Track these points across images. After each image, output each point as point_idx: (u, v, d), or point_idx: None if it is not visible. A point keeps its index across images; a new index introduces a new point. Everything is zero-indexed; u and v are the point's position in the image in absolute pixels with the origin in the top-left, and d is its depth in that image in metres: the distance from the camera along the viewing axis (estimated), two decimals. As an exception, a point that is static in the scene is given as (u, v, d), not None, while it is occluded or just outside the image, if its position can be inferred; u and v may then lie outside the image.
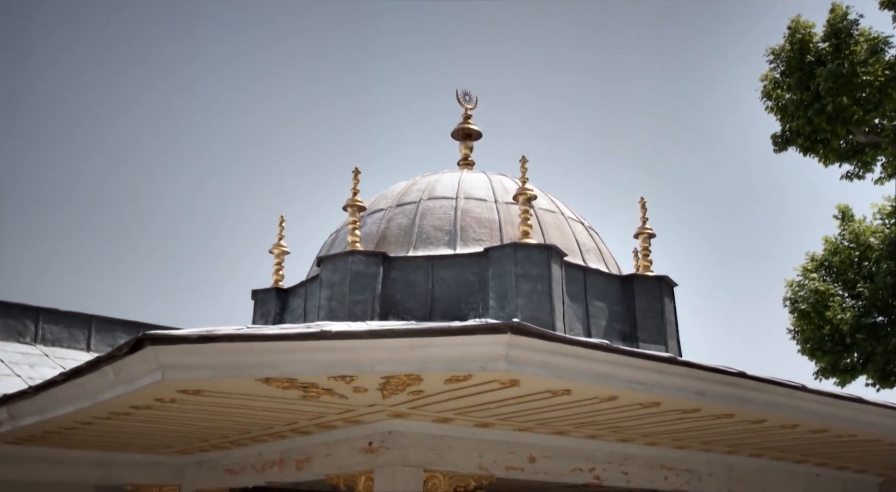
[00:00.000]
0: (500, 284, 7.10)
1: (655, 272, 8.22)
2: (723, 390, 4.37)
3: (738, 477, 6.75)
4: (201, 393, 4.04)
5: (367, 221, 8.22)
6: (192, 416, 4.81)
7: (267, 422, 5.14)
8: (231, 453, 6.47)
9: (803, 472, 7.13)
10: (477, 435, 5.31)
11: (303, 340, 3.52)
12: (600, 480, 5.95)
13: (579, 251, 7.99)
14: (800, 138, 12.00)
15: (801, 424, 5.06)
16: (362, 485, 5.15)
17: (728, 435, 5.55)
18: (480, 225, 7.84)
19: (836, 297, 12.28)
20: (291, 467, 5.84)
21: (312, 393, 4.10)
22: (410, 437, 5.04)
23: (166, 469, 6.96)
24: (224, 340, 3.47)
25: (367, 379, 3.83)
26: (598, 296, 7.68)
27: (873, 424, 5.07)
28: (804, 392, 4.62)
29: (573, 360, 3.79)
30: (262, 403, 4.41)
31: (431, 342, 3.57)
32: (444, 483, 5.15)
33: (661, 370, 4.06)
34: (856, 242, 12.94)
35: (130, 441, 6.07)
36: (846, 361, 12.26)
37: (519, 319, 4.89)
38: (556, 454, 5.71)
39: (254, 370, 3.60)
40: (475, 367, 3.59)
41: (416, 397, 4.29)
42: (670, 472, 6.36)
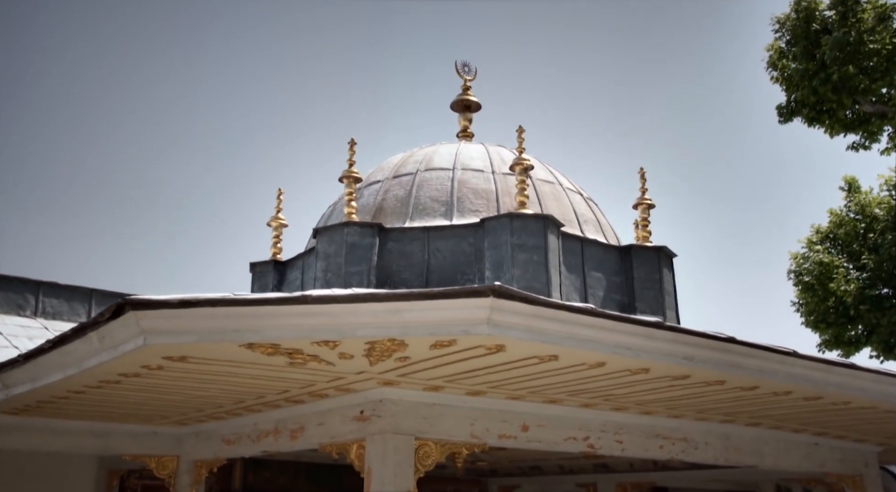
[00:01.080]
0: (496, 254, 7.06)
1: (655, 243, 8.17)
2: (712, 356, 4.34)
3: (735, 446, 6.74)
4: (187, 360, 4.04)
5: (364, 193, 8.18)
6: (182, 384, 4.82)
7: (258, 391, 5.15)
8: (227, 424, 6.50)
9: (801, 441, 7.11)
10: (468, 403, 5.31)
11: (284, 304, 3.51)
12: (595, 448, 5.95)
13: (577, 222, 7.94)
14: (805, 109, 11.85)
15: (794, 391, 5.02)
16: (354, 453, 5.16)
17: (722, 403, 5.52)
18: (477, 196, 7.79)
19: (840, 269, 12.19)
20: (286, 437, 5.86)
21: (298, 359, 4.09)
22: (401, 405, 5.04)
23: (165, 440, 7.01)
24: (205, 304, 3.46)
25: (351, 344, 3.81)
26: (595, 267, 7.64)
27: (866, 390, 5.03)
28: (795, 358, 4.58)
29: (558, 324, 3.76)
30: (249, 370, 4.41)
31: (413, 306, 3.54)
32: (436, 451, 5.16)
33: (648, 335, 4.03)
34: (861, 214, 12.82)
35: (127, 412, 6.10)
36: (850, 333, 12.19)
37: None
38: (549, 423, 5.70)
39: (236, 335, 3.59)
40: (458, 331, 3.56)
41: (404, 363, 4.27)
42: (666, 441, 6.35)
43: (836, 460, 7.33)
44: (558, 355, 4.09)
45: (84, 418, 6.36)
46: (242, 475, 9.56)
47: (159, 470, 6.99)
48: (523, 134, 7.65)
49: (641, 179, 8.44)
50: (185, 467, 7.03)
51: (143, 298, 3.44)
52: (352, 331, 3.59)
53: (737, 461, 6.75)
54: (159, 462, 6.99)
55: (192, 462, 7.03)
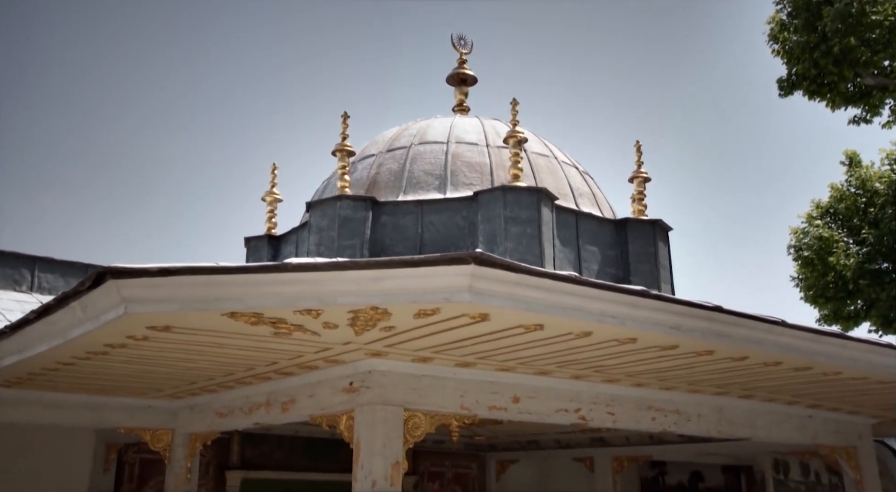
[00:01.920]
0: (490, 227, 7.04)
1: (650, 217, 8.13)
2: (699, 325, 4.31)
3: (728, 418, 6.74)
4: (171, 330, 4.03)
5: (358, 167, 8.15)
6: (170, 355, 4.82)
7: (247, 362, 5.15)
8: (220, 397, 6.52)
9: (795, 413, 7.11)
10: (458, 375, 5.30)
11: (264, 272, 3.49)
12: (586, 420, 5.95)
13: (572, 195, 7.90)
14: (806, 82, 11.74)
15: (784, 361, 5.00)
16: (344, 425, 5.17)
17: (713, 374, 5.51)
18: (471, 169, 7.75)
19: (840, 243, 12.13)
20: (277, 409, 5.88)
21: (283, 329, 4.08)
22: (390, 376, 5.04)
23: (159, 413, 7.05)
24: (185, 273, 3.45)
25: (334, 313, 3.80)
26: (590, 240, 7.61)
27: (856, 360, 5.01)
28: (784, 327, 4.56)
29: (541, 292, 3.74)
30: (236, 341, 4.40)
31: (394, 274, 3.52)
32: (426, 422, 5.16)
33: (633, 304, 4.01)
34: (862, 188, 12.75)
35: (120, 385, 6.12)
36: (849, 307, 12.17)
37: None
38: (540, 395, 5.70)
39: (217, 304, 3.58)
40: (439, 298, 3.54)
41: (390, 333, 4.26)
42: (658, 413, 6.35)
43: (830, 433, 7.33)
44: (543, 325, 4.08)
45: (78, 391, 6.39)
46: (240, 450, 9.63)
47: (154, 443, 7.03)
48: (517, 107, 7.60)
49: (637, 152, 8.38)
50: (180, 440, 7.07)
51: (123, 266, 3.43)
52: (333, 299, 3.57)
53: (730, 434, 6.75)
54: (154, 435, 7.03)
55: (186, 435, 7.07)
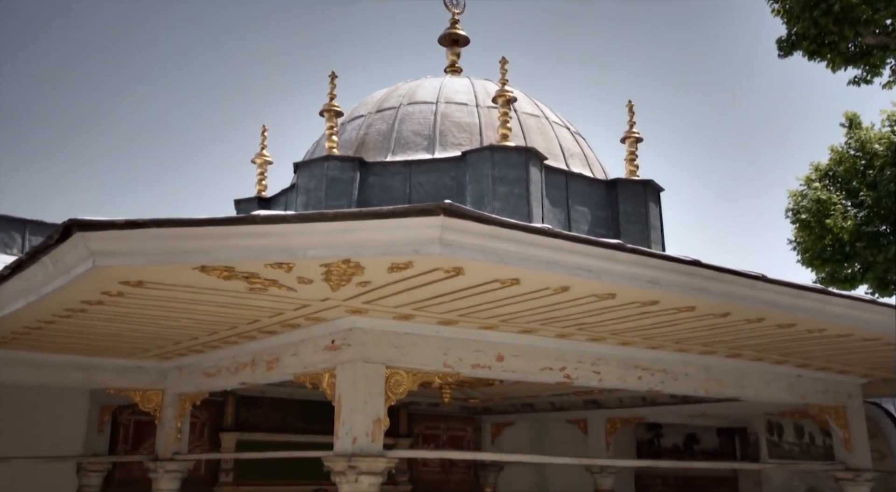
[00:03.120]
0: (478, 187, 6.99)
1: (642, 177, 8.06)
2: (678, 280, 4.27)
3: (716, 378, 6.73)
4: (144, 285, 4.02)
5: (347, 128, 8.08)
6: (149, 313, 4.82)
7: (229, 320, 5.15)
8: (207, 357, 6.54)
9: (783, 373, 7.10)
10: (441, 333, 5.30)
11: (232, 224, 3.46)
12: (571, 379, 5.95)
13: (563, 156, 7.83)
14: (805, 41, 11.54)
15: (767, 317, 4.97)
16: (326, 382, 5.19)
17: (697, 332, 5.48)
18: (460, 129, 7.68)
19: (837, 206, 12.03)
20: (262, 368, 5.89)
21: (257, 284, 4.06)
22: (372, 334, 5.04)
23: (149, 374, 7.08)
24: (152, 225, 3.42)
25: (306, 267, 3.77)
26: (580, 200, 7.55)
27: (840, 316, 4.97)
28: (765, 282, 4.52)
29: (513, 245, 3.70)
30: (213, 297, 4.39)
31: (363, 226, 3.49)
32: (408, 380, 5.17)
33: (608, 257, 3.97)
34: (862, 151, 12.59)
35: (106, 344, 6.14)
36: (846, 271, 12.11)
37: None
38: (524, 353, 5.69)
39: (186, 257, 3.55)
40: (409, 251, 3.51)
41: (366, 289, 4.24)
42: (644, 372, 6.34)
43: (819, 392, 7.33)
44: (519, 279, 4.05)
45: (65, 351, 6.42)
46: (234, 412, 9.70)
47: (144, 404, 7.07)
48: (506, 65, 7.48)
49: (630, 112, 8.28)
50: (170, 401, 7.11)
51: (89, 219, 3.40)
52: (303, 252, 3.55)
53: (718, 393, 6.75)
54: (144, 396, 7.07)
55: (176, 396, 7.11)
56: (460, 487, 11.42)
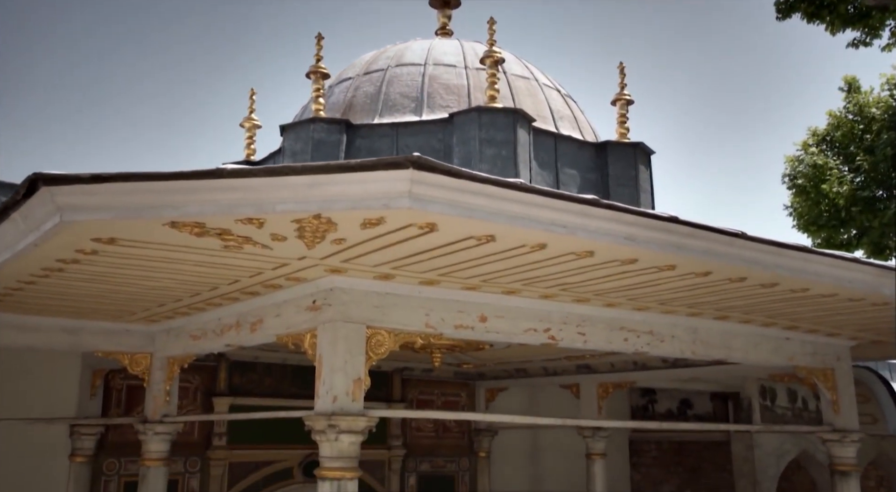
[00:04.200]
0: (464, 149, 6.93)
1: (632, 140, 7.98)
2: (656, 237, 4.24)
3: (703, 340, 6.73)
4: (117, 242, 4.00)
5: (335, 91, 8.01)
6: (128, 273, 4.80)
7: (209, 280, 5.14)
8: (194, 319, 6.55)
9: (771, 335, 7.09)
10: (423, 294, 5.28)
11: (199, 178, 3.43)
12: (556, 340, 5.94)
13: (552, 118, 7.75)
14: (804, 3, 11.37)
15: (749, 276, 4.94)
16: (308, 343, 5.19)
17: (680, 292, 5.46)
18: (448, 91, 7.60)
19: (833, 170, 11.94)
20: (246, 330, 5.90)
21: (231, 242, 4.04)
22: (352, 294, 5.02)
23: (137, 337, 7.10)
24: (118, 179, 3.39)
25: (277, 222, 3.75)
26: (569, 163, 7.49)
27: (821, 275, 4.94)
28: (745, 240, 4.48)
29: (486, 199, 3.66)
30: (188, 255, 4.37)
31: (332, 179, 3.45)
32: (389, 340, 5.17)
33: (583, 213, 3.93)
34: (860, 115, 12.45)
35: (90, 307, 6.15)
36: (842, 236, 12.05)
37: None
38: (508, 314, 5.69)
39: (154, 211, 3.53)
40: (379, 205, 3.48)
41: (342, 246, 4.22)
42: (630, 334, 6.34)
43: (807, 354, 7.33)
44: (495, 235, 4.02)
45: (50, 314, 6.43)
46: (228, 377, 9.75)
47: (133, 367, 7.10)
48: (494, 26, 7.39)
49: (621, 74, 8.17)
50: (159, 364, 7.14)
51: (55, 173, 3.37)
52: (271, 206, 3.52)
53: (705, 355, 6.75)
54: (132, 359, 7.09)
55: (165, 359, 7.13)
56: (454, 451, 11.50)
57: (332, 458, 4.87)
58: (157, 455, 7.07)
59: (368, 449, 10.62)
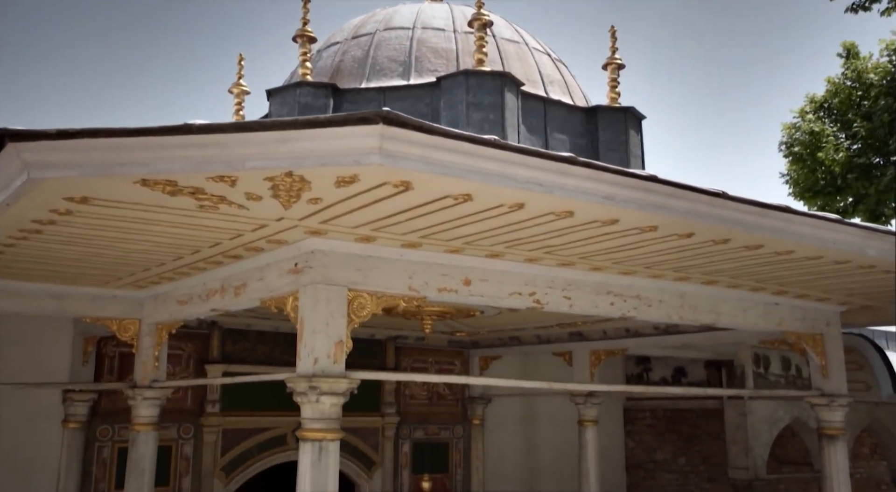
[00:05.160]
0: (452, 114, 6.86)
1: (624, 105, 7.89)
2: (635, 196, 4.19)
3: (691, 305, 6.70)
4: (90, 202, 3.97)
5: (323, 55, 7.92)
6: (106, 235, 4.77)
7: (190, 243, 5.11)
8: (180, 284, 6.55)
9: (760, 300, 7.07)
10: (406, 256, 5.26)
11: (165, 134, 3.38)
12: (541, 304, 5.92)
13: (542, 82, 7.67)
14: (802, -33, 11.20)
15: (732, 238, 4.90)
16: (290, 306, 5.17)
17: (665, 255, 5.43)
18: (437, 55, 7.51)
19: (830, 138, 11.82)
20: (231, 294, 5.89)
21: (205, 201, 4.01)
22: (333, 256, 5.00)
23: (125, 303, 7.10)
24: (84, 135, 3.35)
25: (250, 180, 3.71)
26: (558, 128, 7.42)
27: (805, 236, 4.89)
28: (726, 199, 4.43)
29: (459, 156, 3.62)
30: (166, 216, 4.34)
31: (301, 135, 3.41)
32: (371, 303, 5.15)
33: (560, 171, 3.88)
34: (858, 81, 12.30)
35: (76, 272, 6.14)
36: (839, 204, 11.98)
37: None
38: (493, 278, 5.66)
39: (123, 168, 3.49)
40: (349, 161, 3.43)
41: (318, 206, 4.18)
42: (617, 298, 6.32)
43: (797, 320, 7.31)
44: (471, 194, 3.98)
45: (36, 279, 6.43)
46: (220, 345, 9.77)
47: (121, 333, 7.11)
48: (483, -13, 7.29)
49: (612, 37, 8.07)
50: (147, 330, 7.15)
51: (20, 129, 3.33)
52: (241, 163, 3.47)
53: (692, 320, 6.74)
54: (121, 325, 7.10)
55: (153, 325, 7.14)
56: (448, 419, 11.57)
57: (313, 419, 4.88)
58: (146, 420, 7.11)
59: (362, 416, 10.77)
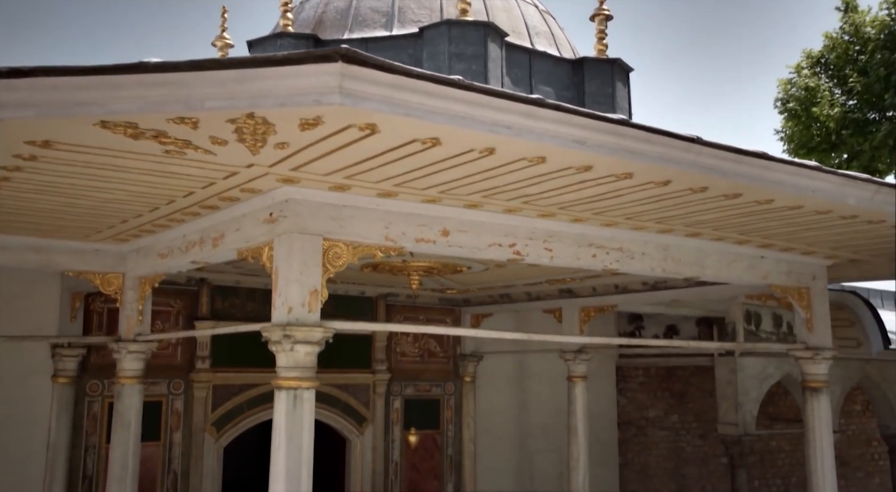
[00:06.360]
0: (434, 65, 6.76)
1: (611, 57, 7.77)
2: (607, 140, 4.13)
3: (675, 257, 6.67)
4: (52, 146, 3.92)
5: (306, 7, 7.80)
6: (75, 182, 4.73)
7: (162, 192, 5.07)
8: (161, 237, 6.52)
9: (746, 254, 7.03)
10: (382, 206, 5.21)
11: (119, 72, 3.31)
12: (521, 255, 5.89)
13: (528, 34, 7.54)
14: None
15: (710, 186, 4.85)
16: (266, 256, 5.15)
17: (644, 205, 5.37)
18: (420, 6, 7.38)
19: (825, 93, 11.67)
20: (209, 246, 5.87)
21: (170, 145, 3.95)
22: (308, 205, 4.96)
23: (108, 257, 7.08)
24: (38, 73, 3.28)
25: (211, 123, 3.64)
26: (544, 80, 7.32)
27: (783, 183, 4.83)
28: (701, 145, 4.37)
29: (423, 97, 3.55)
30: (133, 162, 4.29)
31: (260, 74, 3.34)
32: (347, 252, 5.12)
33: (528, 113, 3.81)
34: (856, 36, 12.08)
35: (53, 224, 6.12)
36: (834, 161, 11.87)
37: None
38: (471, 228, 5.62)
39: (79, 109, 3.43)
40: (309, 100, 3.37)
41: (287, 151, 4.13)
42: (599, 250, 6.28)
43: (782, 273, 7.28)
44: (439, 138, 3.91)
45: (16, 232, 6.42)
46: (209, 301, 9.79)
47: (105, 287, 7.11)
48: (467, -65, 7.14)
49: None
50: (131, 284, 7.14)
51: (-26, 68, 3.27)
52: (200, 103, 3.41)
53: (676, 272, 6.71)
54: (104, 279, 7.09)
55: (136, 279, 7.13)
56: (440, 376, 11.62)
57: (288, 368, 4.90)
58: (131, 373, 7.14)
59: (352, 373, 10.80)
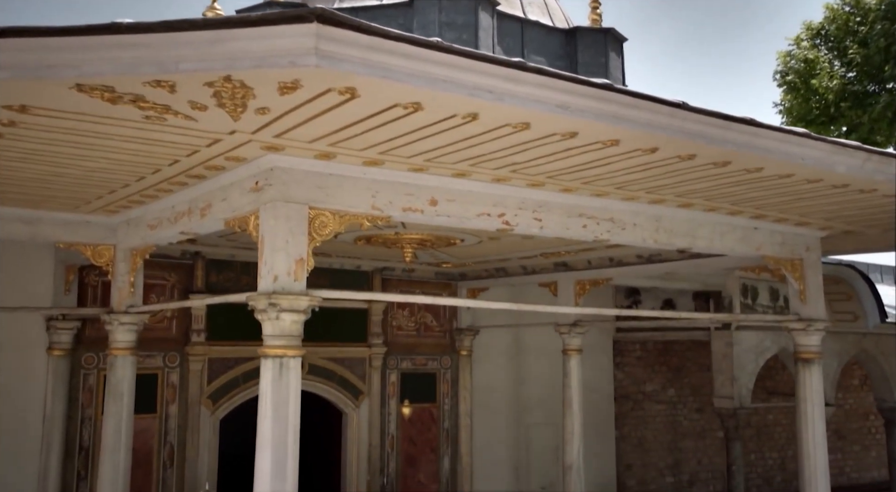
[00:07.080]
0: (424, 34, 6.67)
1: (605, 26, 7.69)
2: (591, 106, 4.07)
3: (667, 228, 6.63)
4: (29, 111, 3.89)
5: (296, -24, 7.71)
6: (58, 150, 4.71)
7: (147, 160, 5.04)
8: (150, 208, 6.51)
9: (739, 225, 6.99)
10: (369, 175, 5.18)
11: (93, 33, 3.27)
12: (511, 225, 5.86)
13: (520, 3, 7.46)
14: None
15: (698, 154, 4.80)
16: (252, 225, 5.13)
17: (633, 173, 5.32)
18: (411, -26, 7.29)
19: (824, 65, 11.55)
20: (197, 216, 5.85)
21: (148, 110, 3.92)
22: (293, 174, 4.93)
23: (98, 228, 7.07)
24: (8, 34, 3.25)
25: (188, 86, 3.61)
26: (536, 50, 7.25)
27: (772, 151, 4.78)
28: (687, 111, 4.32)
29: (402, 59, 3.50)
30: (114, 129, 4.26)
31: (234, 35, 3.30)
32: (333, 221, 5.09)
33: (510, 77, 3.77)
34: (856, 7, 11.94)
35: (40, 194, 6.11)
36: (833, 134, 11.76)
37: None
38: (460, 198, 5.59)
39: (54, 71, 3.39)
40: (284, 62, 3.33)
41: (268, 117, 4.09)
42: (590, 221, 6.25)
43: (776, 244, 7.23)
44: (421, 103, 3.87)
45: (4, 202, 6.39)
46: (204, 275, 9.79)
47: (96, 258, 7.10)
48: None
49: (595, -45, 7.82)
50: (122, 256, 7.13)
51: (-56, 30, 3.24)
52: (174, 64, 3.37)
53: (667, 243, 6.67)
54: (95, 251, 7.08)
55: (127, 250, 7.12)
56: (436, 349, 11.65)
57: (273, 336, 4.90)
58: (123, 345, 7.15)
59: (348, 346, 10.81)
